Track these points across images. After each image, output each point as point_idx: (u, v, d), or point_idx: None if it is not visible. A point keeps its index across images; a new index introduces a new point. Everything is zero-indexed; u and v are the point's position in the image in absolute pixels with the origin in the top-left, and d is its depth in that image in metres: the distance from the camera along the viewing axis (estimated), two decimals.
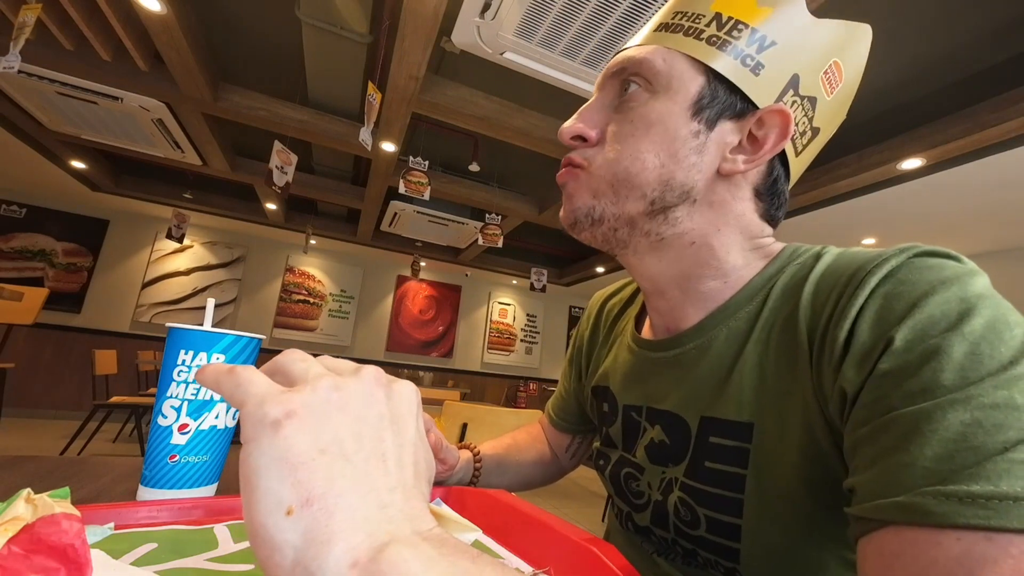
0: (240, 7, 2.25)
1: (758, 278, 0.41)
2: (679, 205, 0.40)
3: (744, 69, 0.38)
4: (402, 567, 0.15)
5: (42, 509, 0.21)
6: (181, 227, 4.42)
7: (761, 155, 0.39)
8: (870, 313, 0.30)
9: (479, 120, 2.56)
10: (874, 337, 0.29)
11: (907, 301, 0.28)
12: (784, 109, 0.39)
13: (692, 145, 0.39)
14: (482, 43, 1.80)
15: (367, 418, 0.20)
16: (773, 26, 0.39)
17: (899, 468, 0.24)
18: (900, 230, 3.34)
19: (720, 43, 0.38)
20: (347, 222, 5.10)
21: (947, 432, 0.23)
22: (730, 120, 0.39)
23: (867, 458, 0.27)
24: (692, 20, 0.40)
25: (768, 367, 0.37)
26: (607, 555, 0.29)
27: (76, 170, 3.94)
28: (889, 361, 0.27)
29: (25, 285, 2.59)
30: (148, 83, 2.55)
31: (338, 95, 2.73)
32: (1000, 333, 0.26)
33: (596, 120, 0.42)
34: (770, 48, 0.38)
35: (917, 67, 2.13)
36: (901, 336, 0.27)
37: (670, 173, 0.39)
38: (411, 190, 2.81)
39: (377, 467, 0.19)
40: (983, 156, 2.28)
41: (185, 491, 0.42)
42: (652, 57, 0.40)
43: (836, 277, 0.34)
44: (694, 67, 0.39)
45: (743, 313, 0.40)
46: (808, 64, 0.40)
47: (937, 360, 0.25)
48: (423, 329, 6.29)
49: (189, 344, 0.43)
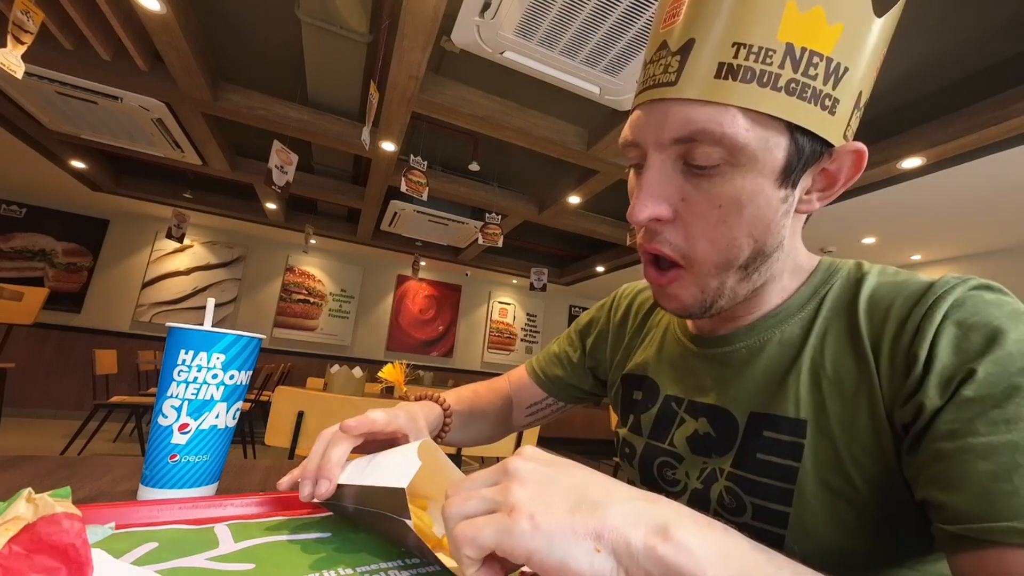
0: (240, 7, 2.25)
1: (805, 288, 0.44)
2: (766, 261, 0.41)
3: (824, 113, 0.35)
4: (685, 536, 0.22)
5: (43, 509, 0.21)
6: (181, 227, 4.42)
7: (835, 190, 0.40)
8: (947, 338, 0.33)
9: (479, 119, 2.56)
10: (956, 363, 0.32)
11: (983, 334, 0.32)
12: (861, 148, 0.38)
13: (782, 210, 0.38)
14: (482, 42, 1.80)
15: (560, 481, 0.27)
16: (845, 47, 0.35)
17: (1004, 496, 0.27)
18: (900, 229, 3.34)
19: (800, 88, 0.34)
20: (347, 222, 5.10)
21: None
22: (811, 168, 0.38)
23: (957, 478, 0.29)
24: (763, 61, 0.34)
25: (825, 372, 0.39)
26: None
27: (76, 170, 3.94)
28: (973, 390, 0.30)
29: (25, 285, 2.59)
30: (148, 83, 2.55)
31: (338, 95, 2.73)
32: None
33: (667, 193, 0.38)
34: (844, 77, 0.35)
35: (917, 66, 2.13)
36: (984, 369, 0.31)
37: (762, 244, 0.39)
38: (411, 189, 2.81)
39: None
40: (983, 155, 2.28)
41: (185, 491, 0.42)
42: (733, 129, 0.34)
43: (893, 296, 0.38)
44: (778, 128, 0.35)
45: (796, 320, 0.43)
46: (870, 75, 0.37)
47: (1017, 398, 0.29)
48: (423, 328, 6.29)
49: (189, 344, 0.43)
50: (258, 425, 3.91)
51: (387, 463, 0.36)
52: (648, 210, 0.38)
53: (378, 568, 0.30)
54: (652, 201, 0.38)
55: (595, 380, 0.68)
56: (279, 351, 5.48)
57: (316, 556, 0.32)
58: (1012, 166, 2.36)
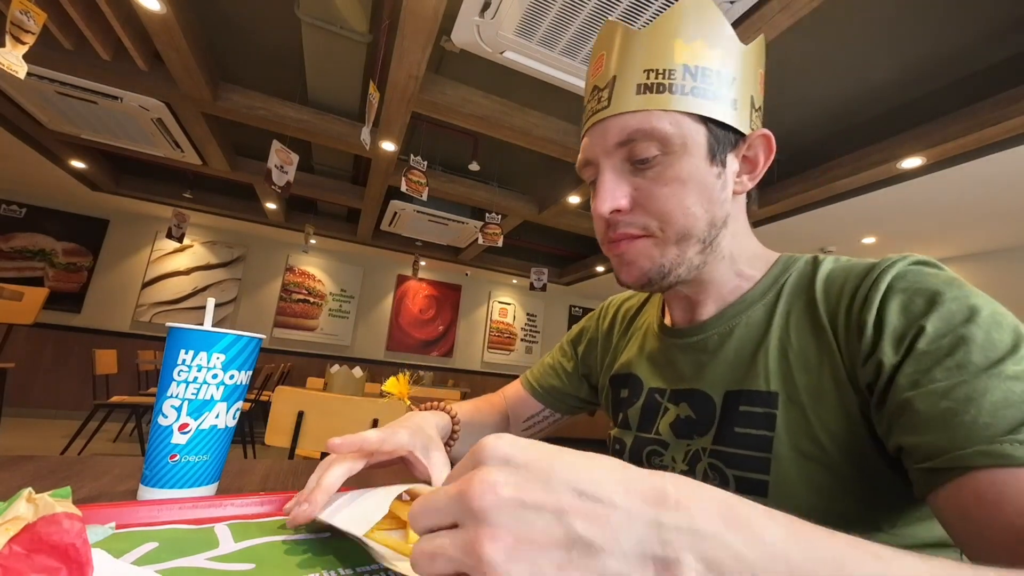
0: (240, 7, 2.25)
1: (766, 278, 0.50)
2: (719, 234, 0.47)
3: (727, 108, 0.45)
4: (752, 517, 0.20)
5: (43, 509, 0.21)
6: (181, 227, 4.42)
7: (759, 171, 0.49)
8: (895, 304, 0.38)
9: (479, 119, 2.56)
10: (905, 323, 0.37)
11: (925, 297, 0.37)
12: (767, 133, 0.48)
13: (719, 185, 0.46)
14: (482, 42, 1.80)
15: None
16: (725, 63, 0.45)
17: (964, 426, 0.31)
18: (900, 229, 3.34)
19: (701, 92, 0.44)
20: (347, 222, 5.10)
21: (994, 397, 0.31)
22: (731, 152, 0.47)
23: (924, 420, 0.33)
24: (668, 77, 0.44)
25: (790, 348, 0.45)
26: None
27: (76, 170, 3.94)
28: (925, 343, 0.35)
29: (25, 285, 2.59)
30: (148, 83, 2.55)
31: (338, 94, 2.73)
32: (1000, 322, 0.35)
33: (624, 190, 0.46)
34: (733, 83, 0.45)
35: (917, 66, 2.13)
36: (932, 325, 0.35)
37: (712, 215, 0.46)
38: (411, 189, 2.81)
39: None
40: (983, 155, 2.28)
41: (185, 491, 0.42)
42: (658, 124, 0.44)
43: (845, 276, 0.44)
44: (693, 121, 0.44)
45: (760, 305, 0.49)
46: (753, 83, 0.48)
47: (965, 345, 0.33)
48: (423, 328, 6.29)
49: (189, 344, 0.43)
50: (258, 425, 3.91)
51: (361, 505, 0.36)
52: (608, 203, 0.45)
53: (378, 568, 0.30)
54: (611, 195, 0.46)
55: (589, 387, 0.71)
56: (279, 351, 5.48)
57: (316, 556, 0.32)
58: (1012, 166, 2.36)
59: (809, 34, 1.98)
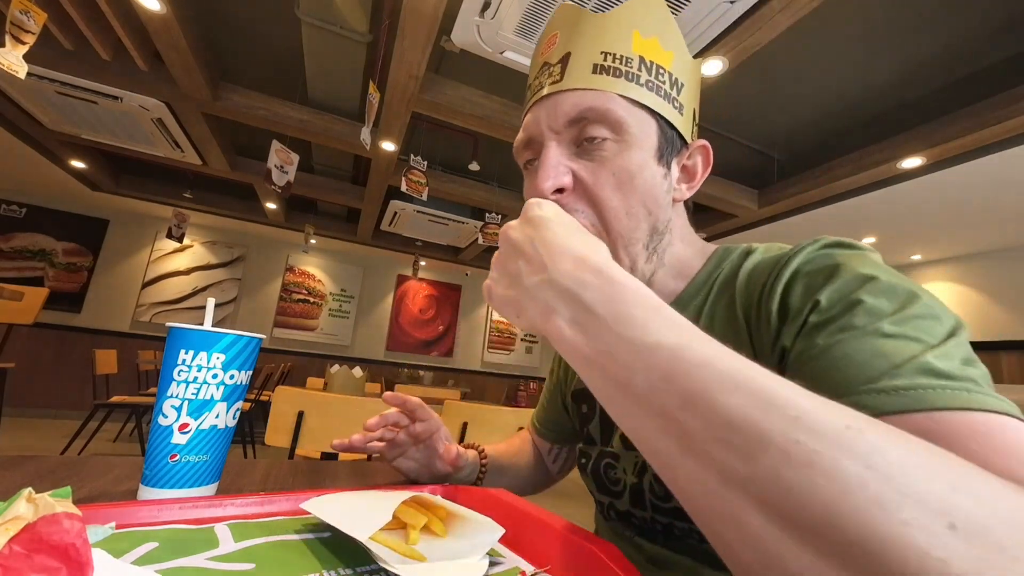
0: (240, 6, 2.25)
1: (701, 274, 0.48)
2: (661, 240, 0.45)
3: (675, 111, 0.44)
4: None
5: (43, 508, 0.21)
6: (181, 226, 4.42)
7: (696, 181, 0.48)
8: (798, 287, 0.37)
9: (479, 119, 2.56)
10: (802, 301, 0.36)
11: (824, 273, 0.36)
12: (706, 144, 0.47)
13: (665, 187, 0.44)
14: (482, 42, 1.80)
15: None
16: (677, 68, 0.45)
17: (838, 384, 0.30)
18: (900, 228, 3.34)
19: (655, 88, 0.43)
20: (347, 221, 5.10)
21: (864, 354, 0.30)
22: (675, 157, 0.45)
23: (805, 384, 0.32)
24: (625, 64, 0.42)
25: None
26: (607, 554, 0.29)
27: (76, 170, 3.94)
28: (817, 315, 0.34)
29: (25, 285, 2.59)
30: (148, 83, 2.55)
31: (338, 94, 2.73)
32: (894, 288, 0.33)
33: (567, 167, 0.43)
34: (682, 89, 0.45)
35: (918, 65, 2.13)
36: (825, 296, 0.34)
37: (655, 218, 0.44)
38: (411, 189, 2.81)
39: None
40: (984, 155, 2.28)
41: (186, 490, 0.42)
42: (614, 106, 0.41)
43: (763, 267, 0.42)
44: (647, 114, 0.43)
45: (692, 306, 0.46)
46: (695, 97, 0.47)
47: (852, 309, 0.32)
48: (423, 328, 6.29)
49: (189, 344, 0.43)
50: (258, 425, 3.91)
51: (362, 507, 0.36)
52: (550, 180, 0.42)
53: (378, 568, 0.30)
54: (554, 172, 0.42)
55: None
56: (279, 351, 5.48)
57: (316, 556, 0.32)
58: (1012, 166, 2.36)
59: (809, 34, 1.98)
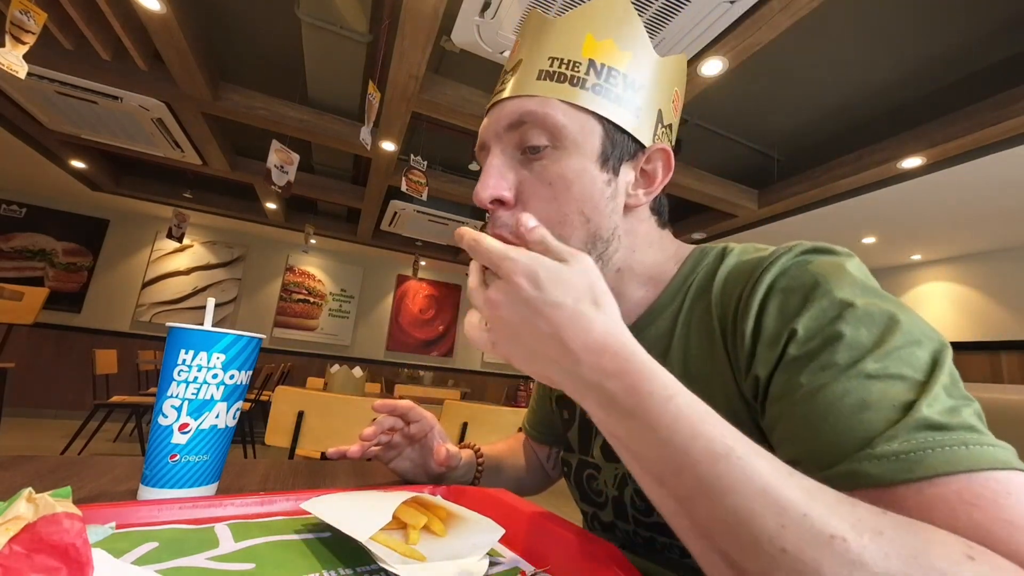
0: (240, 6, 2.25)
1: (675, 280, 0.46)
2: (607, 247, 0.44)
3: (628, 114, 0.42)
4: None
5: (43, 508, 0.21)
6: (181, 226, 4.42)
7: (655, 187, 0.45)
8: (773, 307, 0.35)
9: (479, 119, 2.54)
10: (778, 326, 0.34)
11: (801, 295, 0.35)
12: (667, 148, 0.45)
13: (607, 193, 0.43)
14: (482, 42, 1.80)
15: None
16: (635, 69, 0.43)
17: (826, 438, 0.29)
18: (900, 229, 3.34)
19: (604, 91, 0.42)
20: (347, 221, 5.10)
21: (851, 400, 0.29)
22: (628, 162, 0.44)
23: (792, 432, 0.31)
24: (571, 68, 0.41)
25: (691, 358, 0.42)
26: (607, 554, 0.29)
27: (76, 170, 3.94)
28: (796, 348, 0.33)
29: (25, 285, 2.59)
30: (148, 82, 2.55)
31: (338, 94, 2.73)
32: (871, 314, 0.32)
33: (509, 180, 0.42)
34: (640, 90, 0.43)
35: (917, 66, 2.13)
36: (803, 326, 0.33)
37: (596, 225, 0.42)
38: (411, 189, 2.81)
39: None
40: (983, 155, 2.28)
41: (186, 490, 0.42)
42: (552, 112, 0.41)
43: (738, 275, 0.40)
44: (590, 118, 0.42)
45: (668, 313, 0.45)
46: (664, 98, 0.45)
47: (831, 345, 0.31)
48: (423, 328, 6.29)
49: (189, 344, 0.43)
50: (258, 425, 3.91)
51: (362, 507, 0.36)
52: (489, 189, 0.41)
53: (378, 568, 0.30)
54: (493, 181, 0.42)
55: None
56: (279, 351, 5.48)
57: (316, 556, 0.32)
58: (1012, 166, 2.36)
59: (809, 34, 1.98)
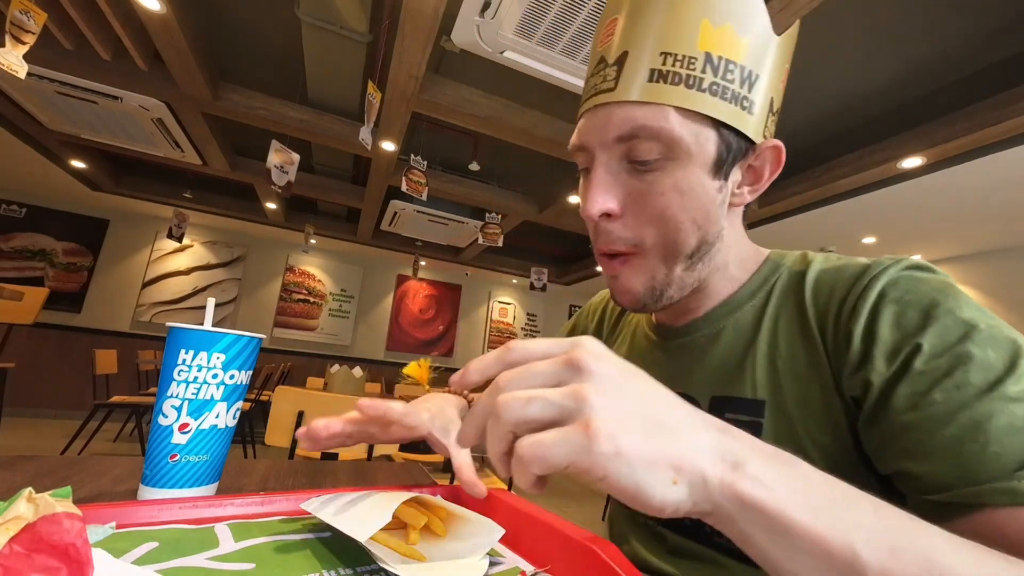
0: (240, 6, 2.25)
1: (755, 277, 0.47)
2: (711, 248, 0.44)
3: (743, 112, 0.40)
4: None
5: (43, 508, 0.21)
6: (181, 226, 4.42)
7: (762, 184, 0.44)
8: (888, 316, 0.36)
9: (479, 119, 2.56)
10: (899, 338, 0.35)
11: (919, 309, 0.35)
12: (779, 144, 0.43)
13: (718, 200, 0.42)
14: (482, 42, 1.80)
15: None
16: (753, 58, 0.40)
17: (974, 457, 0.29)
18: (900, 229, 3.34)
19: (721, 90, 0.39)
20: (347, 221, 5.10)
21: (999, 422, 0.29)
22: (740, 161, 0.43)
23: (927, 447, 0.31)
24: (687, 66, 0.39)
25: (779, 355, 0.42)
26: (607, 554, 0.29)
27: (76, 170, 3.94)
28: (922, 363, 0.33)
29: (25, 285, 2.59)
30: (148, 82, 2.55)
31: (338, 94, 2.73)
32: (996, 337, 0.33)
33: (616, 192, 0.42)
34: (756, 82, 0.41)
35: (917, 65, 2.13)
36: (928, 342, 0.33)
37: (705, 232, 0.42)
38: (411, 189, 2.81)
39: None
40: (983, 155, 2.28)
41: (186, 490, 0.42)
42: (668, 125, 0.39)
43: (835, 279, 0.41)
44: (706, 125, 0.39)
45: (748, 307, 0.46)
46: (776, 83, 0.43)
47: (964, 365, 0.31)
48: (423, 328, 6.29)
49: (189, 344, 0.43)
50: (258, 425, 3.91)
51: (363, 508, 0.35)
52: (599, 205, 0.41)
53: (378, 568, 0.30)
54: (602, 196, 0.41)
55: None
56: (279, 351, 5.48)
57: (316, 556, 0.32)
58: (1012, 166, 2.35)
59: (809, 34, 1.98)
